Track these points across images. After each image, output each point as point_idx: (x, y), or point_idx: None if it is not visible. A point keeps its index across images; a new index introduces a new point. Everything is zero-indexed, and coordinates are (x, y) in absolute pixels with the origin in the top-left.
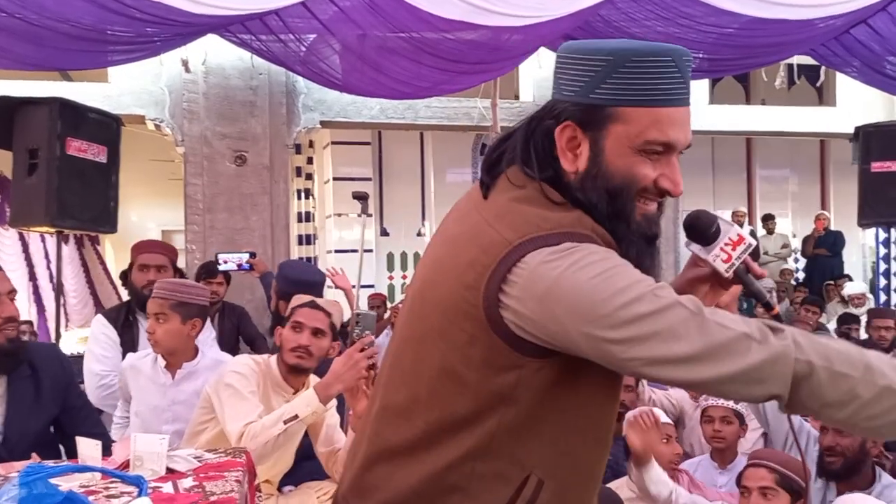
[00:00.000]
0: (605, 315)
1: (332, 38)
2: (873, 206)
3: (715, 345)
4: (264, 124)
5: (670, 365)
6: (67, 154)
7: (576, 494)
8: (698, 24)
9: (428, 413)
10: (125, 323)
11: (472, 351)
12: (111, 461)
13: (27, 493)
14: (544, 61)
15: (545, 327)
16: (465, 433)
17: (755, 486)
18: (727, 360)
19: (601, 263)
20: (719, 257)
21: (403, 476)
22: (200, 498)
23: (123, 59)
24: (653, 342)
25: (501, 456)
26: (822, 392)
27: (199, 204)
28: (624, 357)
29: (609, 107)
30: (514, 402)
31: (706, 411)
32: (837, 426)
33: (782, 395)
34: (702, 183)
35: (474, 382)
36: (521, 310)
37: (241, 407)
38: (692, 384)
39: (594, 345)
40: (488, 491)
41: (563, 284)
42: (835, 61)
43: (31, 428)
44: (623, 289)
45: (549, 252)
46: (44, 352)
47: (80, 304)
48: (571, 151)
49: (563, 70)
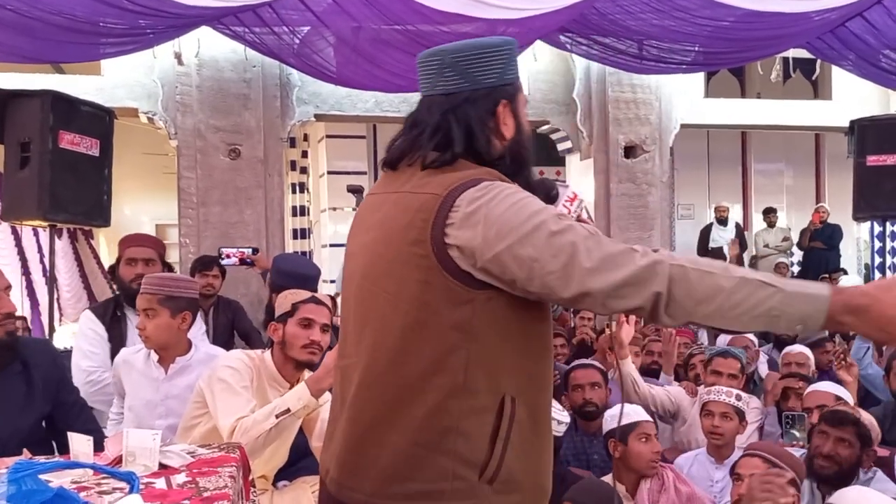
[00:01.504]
0: (525, 234)
1: (327, 31)
2: (868, 200)
3: (609, 257)
4: (258, 117)
5: (577, 276)
6: (60, 147)
7: (541, 401)
8: (693, 16)
9: (402, 369)
10: (113, 318)
11: (428, 297)
12: (103, 457)
13: (16, 489)
14: (540, 54)
15: (483, 255)
16: (440, 376)
17: (748, 474)
18: (619, 269)
19: (516, 195)
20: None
21: (396, 437)
22: (194, 494)
23: (116, 51)
24: (562, 257)
25: (478, 389)
26: (693, 288)
27: (193, 198)
28: (543, 272)
29: (517, 81)
30: (475, 336)
31: (706, 405)
32: (708, 322)
33: (662, 293)
34: (697, 176)
35: (435, 324)
36: (463, 244)
37: (233, 402)
38: (593, 292)
39: (520, 263)
40: (477, 424)
41: (489, 214)
42: (830, 55)
43: (22, 425)
44: (536, 211)
45: (474, 191)
46: (36, 347)
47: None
48: (504, 123)
49: (472, 63)
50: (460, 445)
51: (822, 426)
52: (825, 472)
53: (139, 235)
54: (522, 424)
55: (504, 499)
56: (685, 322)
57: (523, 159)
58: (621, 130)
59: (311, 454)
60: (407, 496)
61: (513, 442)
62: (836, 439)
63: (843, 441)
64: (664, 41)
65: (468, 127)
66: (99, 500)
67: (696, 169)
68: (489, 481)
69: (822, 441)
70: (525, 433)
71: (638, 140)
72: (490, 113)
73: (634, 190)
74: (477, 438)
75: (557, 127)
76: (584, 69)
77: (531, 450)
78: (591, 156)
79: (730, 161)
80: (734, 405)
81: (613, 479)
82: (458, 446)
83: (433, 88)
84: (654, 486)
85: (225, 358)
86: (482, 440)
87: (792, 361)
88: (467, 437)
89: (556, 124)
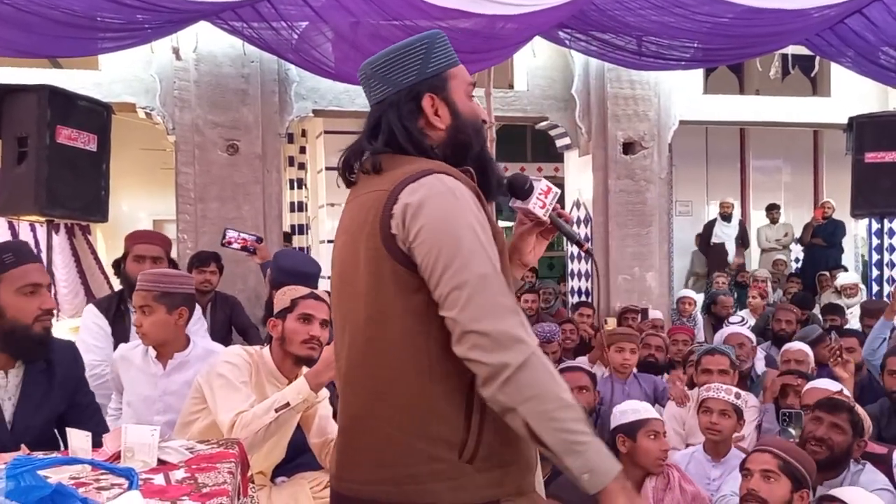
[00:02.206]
0: (439, 245)
1: (325, 26)
2: (867, 197)
3: (497, 305)
4: (256, 113)
5: (459, 303)
6: (57, 142)
7: None
8: (693, 13)
9: (374, 360)
10: (116, 313)
11: (383, 287)
12: (101, 452)
13: (15, 485)
14: (539, 50)
15: (415, 246)
16: (407, 362)
17: (757, 469)
18: (497, 320)
19: (444, 204)
20: (537, 205)
21: (379, 425)
22: (192, 490)
23: (114, 46)
24: (458, 280)
25: (448, 371)
26: (538, 382)
27: (191, 193)
28: (439, 282)
29: (444, 71)
30: (432, 320)
31: (705, 402)
32: (527, 418)
33: (511, 365)
34: (695, 173)
35: (394, 313)
36: (402, 235)
37: (232, 397)
38: (460, 323)
39: (426, 266)
40: (451, 405)
41: (419, 212)
42: (829, 51)
43: (38, 421)
44: (456, 228)
45: (413, 185)
46: (61, 347)
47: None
48: (435, 115)
49: (393, 68)
50: (437, 428)
51: (817, 412)
52: (818, 455)
53: (147, 232)
54: None
55: (487, 476)
56: (507, 409)
57: (464, 143)
58: (620, 127)
59: (308, 450)
60: (394, 481)
61: (488, 420)
62: (830, 424)
63: (837, 427)
64: (663, 37)
65: (396, 128)
66: (97, 496)
67: (694, 165)
68: (469, 461)
69: (815, 426)
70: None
71: (636, 136)
72: (416, 109)
73: (633, 186)
74: (453, 420)
75: (556, 123)
76: (582, 65)
77: (507, 427)
78: (589, 152)
79: (728, 158)
80: (733, 403)
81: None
82: (436, 429)
83: (370, 99)
84: (659, 484)
85: (224, 354)
86: (458, 421)
87: (791, 359)
88: (443, 419)
89: (554, 120)
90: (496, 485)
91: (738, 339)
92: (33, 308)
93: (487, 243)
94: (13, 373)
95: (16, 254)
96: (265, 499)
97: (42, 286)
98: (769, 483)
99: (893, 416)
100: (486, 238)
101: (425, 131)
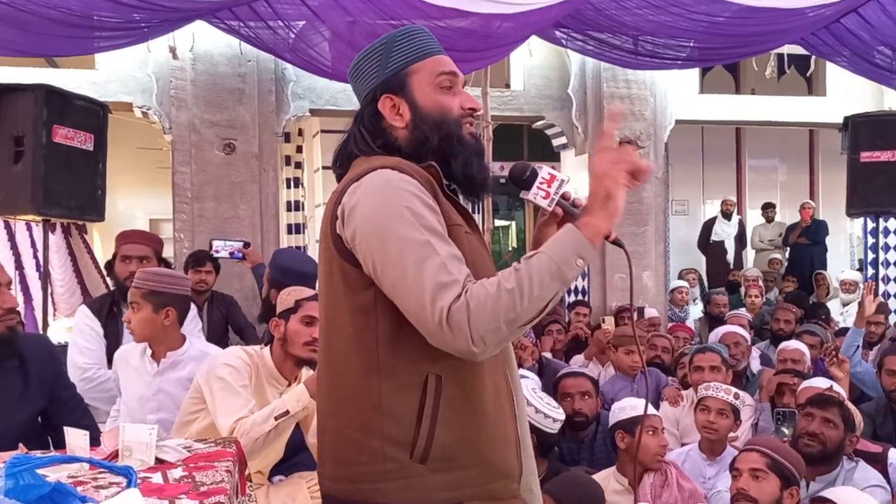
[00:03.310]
0: (374, 240)
1: (322, 25)
2: (862, 196)
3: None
4: (253, 112)
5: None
6: (54, 142)
7: (473, 378)
8: (689, 12)
9: (330, 357)
10: (109, 314)
11: (335, 285)
12: (100, 451)
13: (14, 483)
14: (535, 50)
15: (355, 247)
16: (355, 358)
17: (746, 468)
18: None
19: (380, 194)
20: (539, 195)
21: (336, 422)
22: (190, 488)
23: (110, 45)
24: (398, 270)
25: (396, 369)
26: (490, 307)
27: (188, 192)
28: (385, 287)
29: (403, 69)
30: (379, 317)
31: (703, 400)
32: (523, 321)
33: (470, 336)
34: (691, 172)
35: (344, 310)
36: (345, 236)
37: (232, 401)
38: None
39: (367, 265)
40: (401, 403)
41: (353, 213)
42: (825, 51)
43: (17, 419)
44: (390, 222)
45: (352, 187)
46: (33, 342)
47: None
48: (396, 114)
49: (358, 76)
50: (387, 426)
51: (809, 409)
52: (810, 450)
53: (134, 232)
54: (453, 401)
55: (442, 477)
56: (503, 338)
57: (420, 139)
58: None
59: (306, 450)
60: (351, 479)
61: (443, 419)
62: (822, 419)
63: (829, 422)
64: (659, 37)
65: (353, 133)
66: (95, 494)
67: (690, 165)
68: (421, 460)
69: (808, 422)
70: (458, 410)
71: (633, 135)
72: (375, 110)
73: None
74: (403, 418)
75: (553, 122)
76: (579, 65)
77: (468, 426)
78: (586, 151)
79: (724, 157)
80: (731, 403)
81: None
82: (385, 427)
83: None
84: (657, 481)
85: (224, 356)
86: (408, 419)
87: (787, 358)
88: (393, 417)
89: (551, 120)
90: (454, 487)
91: (733, 337)
92: None
93: (426, 225)
94: None
95: None
96: (262, 497)
97: (2, 285)
98: (758, 482)
99: (889, 415)
100: (427, 220)
101: (388, 131)
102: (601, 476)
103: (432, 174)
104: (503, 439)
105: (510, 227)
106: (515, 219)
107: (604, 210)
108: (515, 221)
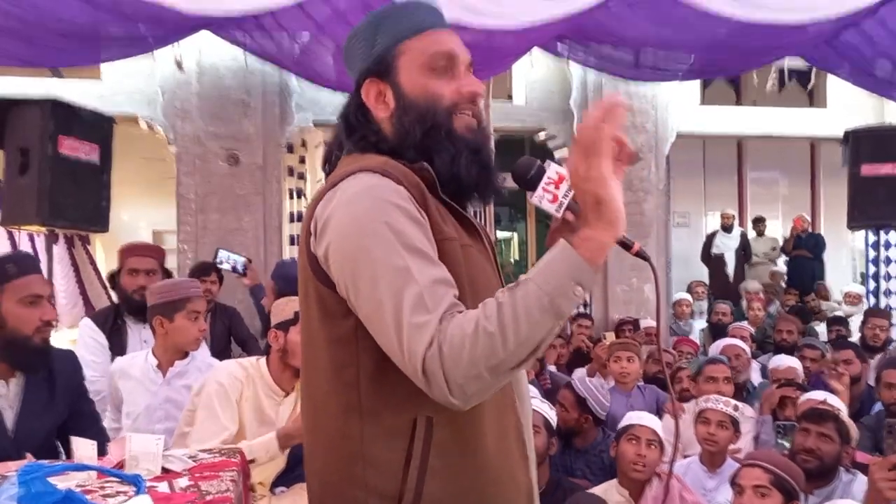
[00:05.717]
0: (347, 260)
1: (327, 39)
2: (863, 209)
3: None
4: (257, 124)
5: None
6: (60, 153)
7: (470, 416)
8: (689, 26)
9: (308, 391)
10: (113, 327)
11: (311, 310)
12: (107, 461)
13: (25, 491)
14: (537, 62)
15: (329, 267)
16: (334, 396)
17: (749, 485)
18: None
19: (353, 202)
20: (544, 198)
21: (317, 465)
22: (196, 497)
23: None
24: (377, 295)
25: (378, 410)
26: (468, 352)
27: (192, 204)
28: (361, 315)
29: (390, 51)
30: (361, 350)
31: (704, 412)
32: (514, 364)
33: (451, 380)
34: (692, 185)
35: (321, 340)
36: (321, 253)
37: (208, 427)
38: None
39: (341, 284)
40: (384, 449)
41: (326, 227)
42: (826, 64)
43: (40, 429)
44: (367, 238)
45: (328, 195)
46: (62, 356)
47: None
48: (381, 101)
49: (348, 62)
50: (370, 475)
51: (804, 424)
52: (807, 465)
53: (140, 245)
54: (445, 447)
55: None
56: (488, 387)
57: (402, 132)
58: None
59: None
60: None
61: (433, 468)
62: (818, 434)
63: (825, 436)
64: (661, 50)
65: (338, 126)
66: (104, 502)
67: (691, 177)
68: None
69: (804, 438)
70: (451, 457)
71: (634, 148)
72: (359, 100)
73: (631, 198)
74: (387, 466)
75: (554, 134)
76: (580, 77)
77: (464, 475)
78: None
79: (725, 169)
80: (731, 415)
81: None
82: (368, 476)
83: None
84: (659, 493)
85: (216, 371)
86: (394, 468)
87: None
88: (375, 465)
89: (552, 132)
90: None
91: (733, 350)
92: (34, 319)
93: (407, 244)
94: (14, 381)
95: (19, 264)
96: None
97: (43, 297)
98: (762, 499)
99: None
100: (409, 237)
101: (374, 124)
102: (602, 489)
103: (424, 178)
104: (511, 487)
105: (512, 238)
106: (517, 230)
107: (601, 219)
108: (517, 233)
